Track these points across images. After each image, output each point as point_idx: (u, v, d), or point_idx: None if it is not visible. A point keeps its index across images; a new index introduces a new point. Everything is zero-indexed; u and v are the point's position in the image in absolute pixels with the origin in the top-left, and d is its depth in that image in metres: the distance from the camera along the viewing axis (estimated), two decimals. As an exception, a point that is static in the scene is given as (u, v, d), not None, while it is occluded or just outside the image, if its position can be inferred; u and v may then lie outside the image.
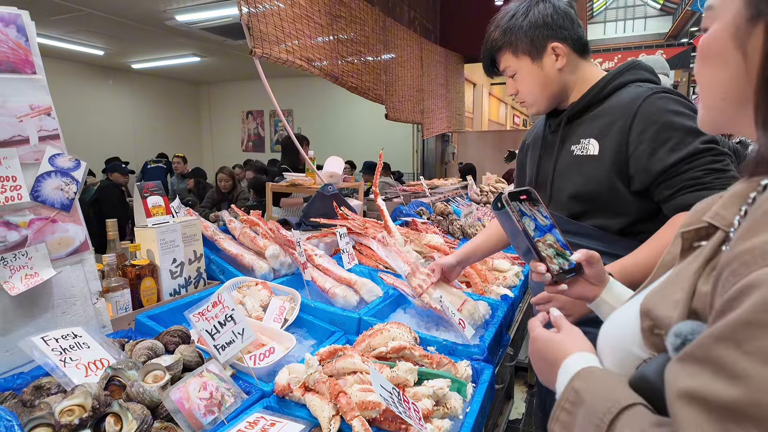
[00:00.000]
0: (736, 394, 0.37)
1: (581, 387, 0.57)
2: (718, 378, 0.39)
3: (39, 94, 1.13)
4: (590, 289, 0.87)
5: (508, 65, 1.30)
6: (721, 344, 0.39)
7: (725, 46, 0.52)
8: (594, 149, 1.22)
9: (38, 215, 1.12)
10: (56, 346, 1.00)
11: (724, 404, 0.38)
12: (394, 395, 0.90)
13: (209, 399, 0.97)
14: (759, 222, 0.42)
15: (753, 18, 0.49)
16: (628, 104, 1.17)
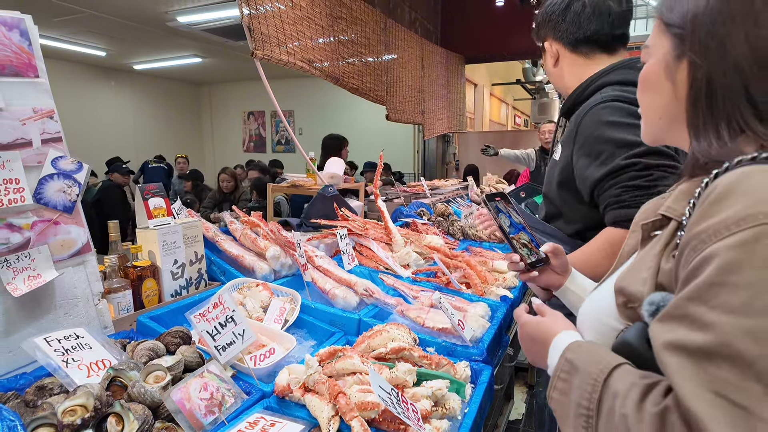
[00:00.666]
0: (707, 339, 0.48)
1: (573, 357, 0.66)
2: (692, 329, 0.50)
3: (42, 97, 1.14)
4: (556, 278, 1.00)
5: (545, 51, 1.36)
6: (692, 303, 0.51)
7: (659, 77, 0.67)
8: (557, 153, 1.28)
9: (41, 217, 1.13)
10: (59, 346, 1.01)
11: (699, 348, 0.48)
12: (392, 396, 0.91)
13: (210, 399, 0.98)
14: (707, 210, 0.54)
15: (679, 57, 0.64)
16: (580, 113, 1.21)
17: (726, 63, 0.59)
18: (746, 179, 0.53)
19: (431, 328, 1.42)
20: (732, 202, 0.52)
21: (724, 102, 0.60)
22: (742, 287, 0.48)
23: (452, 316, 1.34)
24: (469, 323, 1.41)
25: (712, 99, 0.61)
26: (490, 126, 10.50)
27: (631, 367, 0.59)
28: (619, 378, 0.57)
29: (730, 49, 0.59)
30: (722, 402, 0.46)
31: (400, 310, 1.51)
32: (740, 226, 0.50)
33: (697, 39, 0.61)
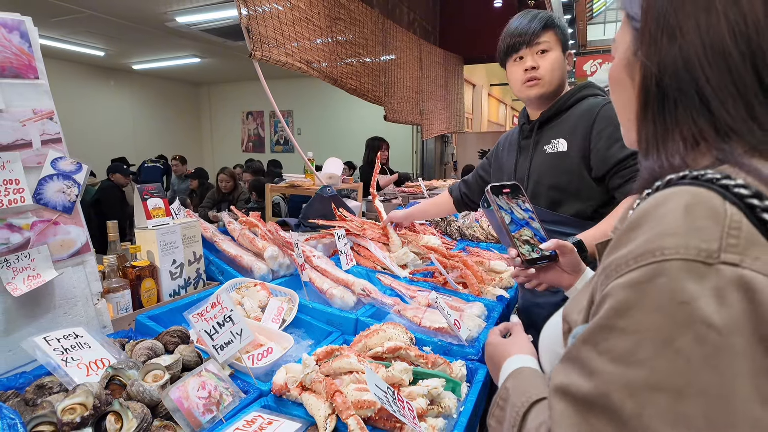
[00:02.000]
0: (590, 387, 0.44)
1: (511, 385, 0.65)
2: (580, 374, 0.46)
3: (42, 98, 1.15)
4: (565, 278, 0.95)
5: (548, 40, 1.48)
6: (584, 346, 0.46)
7: (621, 75, 0.60)
8: (563, 147, 1.46)
9: (40, 217, 1.14)
10: (58, 346, 1.02)
11: (582, 396, 0.45)
12: (388, 394, 0.92)
13: (208, 398, 0.99)
14: (619, 239, 0.48)
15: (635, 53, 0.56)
16: (588, 111, 1.43)
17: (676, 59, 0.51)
18: (661, 205, 0.46)
19: (428, 328, 1.43)
20: (640, 232, 0.46)
21: (676, 107, 0.52)
22: (628, 333, 0.43)
23: (448, 315, 1.35)
24: (465, 323, 1.43)
25: (663, 103, 0.53)
26: (489, 126, 10.52)
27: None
28: (534, 415, 0.56)
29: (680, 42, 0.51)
30: None
31: (397, 309, 1.52)
32: (638, 262, 0.44)
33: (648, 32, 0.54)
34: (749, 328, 0.39)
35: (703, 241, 0.41)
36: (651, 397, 0.40)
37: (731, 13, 0.48)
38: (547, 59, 1.48)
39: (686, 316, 0.40)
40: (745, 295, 0.39)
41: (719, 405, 0.38)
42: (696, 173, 0.47)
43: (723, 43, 0.49)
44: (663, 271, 0.42)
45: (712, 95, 0.49)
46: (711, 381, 0.39)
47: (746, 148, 0.48)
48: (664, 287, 0.41)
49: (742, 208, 0.42)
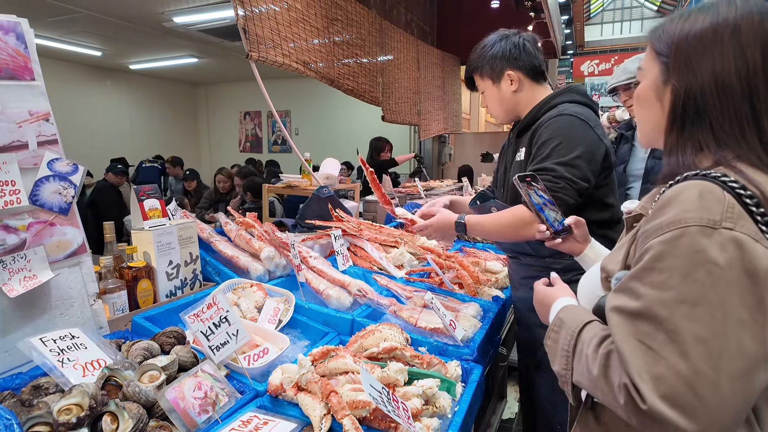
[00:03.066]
0: (637, 304, 0.67)
1: (563, 316, 0.86)
2: (630, 298, 0.69)
3: (38, 100, 1.15)
4: (577, 246, 1.20)
5: (478, 84, 1.66)
6: (632, 280, 0.69)
7: (650, 96, 0.82)
8: (522, 155, 1.56)
9: (37, 219, 1.14)
10: (54, 346, 1.02)
11: (631, 311, 0.68)
12: (383, 395, 0.93)
13: (204, 398, 0.99)
14: (655, 213, 0.71)
15: (665, 82, 0.79)
16: (539, 123, 1.51)
17: (696, 91, 0.73)
18: (683, 192, 0.68)
19: (423, 328, 1.44)
20: (669, 209, 0.68)
21: (692, 125, 0.75)
22: (663, 271, 0.65)
23: (444, 316, 1.36)
24: (460, 323, 1.43)
25: (684, 122, 0.76)
26: (486, 127, 10.53)
27: (598, 323, 0.79)
28: (588, 330, 0.78)
29: (699, 78, 0.73)
30: (640, 345, 0.65)
31: (393, 310, 1.53)
32: (670, 227, 0.66)
33: (677, 68, 0.75)
34: (739, 265, 0.62)
35: (711, 214, 0.65)
36: (678, 307, 0.63)
37: (739, 61, 0.71)
38: (486, 98, 1.65)
39: (701, 259, 0.63)
40: (738, 247, 0.63)
41: (720, 309, 0.62)
42: (704, 172, 0.70)
43: (730, 81, 0.71)
44: (686, 233, 0.65)
45: (715, 118, 0.73)
46: (716, 296, 0.62)
47: (735, 155, 0.72)
48: (687, 242, 0.64)
49: (734, 195, 0.66)
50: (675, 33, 0.76)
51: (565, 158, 1.38)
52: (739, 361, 0.61)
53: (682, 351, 0.62)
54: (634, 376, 0.63)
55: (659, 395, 0.61)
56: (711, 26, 0.73)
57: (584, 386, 0.76)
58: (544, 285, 1.04)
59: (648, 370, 0.63)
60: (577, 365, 0.76)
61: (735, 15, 0.72)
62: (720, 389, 0.60)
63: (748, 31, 0.71)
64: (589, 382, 0.73)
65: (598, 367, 0.70)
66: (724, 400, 0.60)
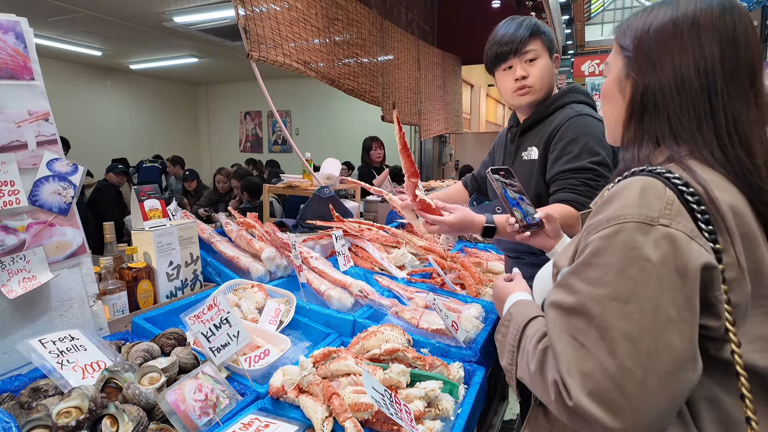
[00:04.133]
0: (572, 300, 0.67)
1: (513, 310, 0.87)
2: (566, 293, 0.68)
3: (37, 100, 1.14)
4: (548, 241, 1.17)
5: (535, 48, 1.49)
6: (571, 275, 0.69)
7: (614, 91, 0.82)
8: (535, 155, 1.51)
9: (36, 219, 1.13)
10: (53, 348, 1.01)
11: (567, 306, 0.67)
12: (386, 397, 0.92)
13: (204, 401, 0.98)
14: (599, 208, 0.70)
15: (627, 75, 0.78)
16: (558, 122, 1.47)
17: (655, 85, 0.73)
18: (627, 187, 0.68)
19: (425, 329, 1.43)
20: (612, 204, 0.68)
21: (650, 118, 0.75)
22: (599, 266, 0.65)
23: (446, 317, 1.35)
24: (462, 324, 1.42)
25: (643, 114, 0.75)
26: (487, 127, 10.53)
27: (543, 318, 0.79)
28: (532, 326, 0.79)
29: (659, 73, 0.73)
30: (572, 341, 0.64)
31: (395, 311, 1.52)
32: (609, 223, 0.66)
33: (637, 61, 0.76)
34: (672, 262, 0.62)
35: (650, 211, 0.64)
36: (610, 303, 0.63)
37: (697, 55, 0.71)
38: (536, 67, 1.49)
39: (635, 255, 0.63)
40: (671, 244, 0.62)
41: (650, 306, 0.61)
42: (650, 168, 0.70)
43: (689, 75, 0.71)
44: (623, 229, 0.65)
45: (673, 112, 0.72)
46: (647, 293, 0.62)
47: (689, 151, 0.72)
48: (623, 238, 0.64)
49: (675, 192, 0.66)
50: (638, 27, 0.76)
51: (597, 157, 1.38)
52: (667, 360, 0.60)
53: (610, 348, 0.61)
54: (563, 372, 0.63)
55: (586, 392, 0.61)
56: (671, 20, 0.73)
57: (526, 382, 0.76)
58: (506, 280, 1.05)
59: (577, 366, 0.62)
60: (521, 361, 0.77)
61: (694, 8, 0.72)
62: (646, 388, 0.59)
63: (707, 24, 0.71)
64: (528, 378, 0.74)
65: (535, 363, 0.71)
66: (650, 398, 0.60)
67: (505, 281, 1.04)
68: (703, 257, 0.62)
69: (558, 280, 0.73)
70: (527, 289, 0.98)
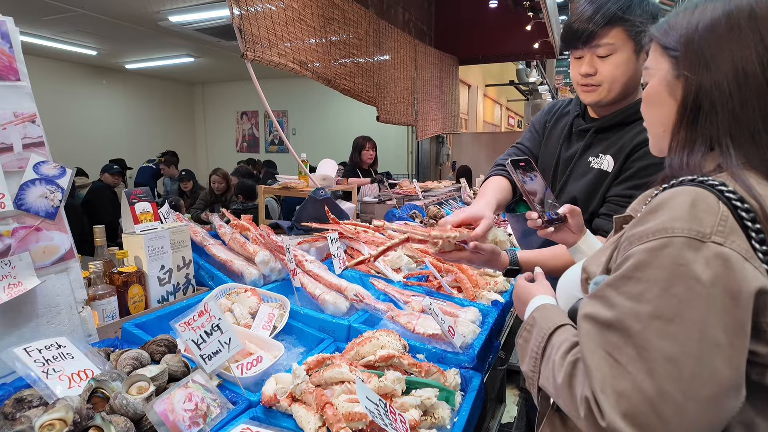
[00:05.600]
0: (610, 315, 0.63)
1: (537, 315, 0.84)
2: (603, 306, 0.65)
3: (23, 101, 1.11)
4: (571, 236, 1.12)
5: (612, 42, 1.19)
6: (608, 288, 0.65)
7: (661, 95, 0.77)
8: (608, 166, 1.30)
9: (22, 224, 1.10)
10: (39, 357, 0.98)
11: (603, 321, 0.64)
12: (380, 407, 0.89)
13: (194, 410, 0.96)
14: (642, 218, 0.66)
15: (677, 76, 0.74)
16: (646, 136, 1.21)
17: (710, 82, 0.69)
18: (675, 197, 0.64)
19: (421, 334, 1.40)
20: (658, 215, 0.64)
21: (705, 119, 0.70)
22: (641, 281, 0.62)
23: (442, 322, 1.33)
24: (459, 329, 1.40)
25: (697, 116, 0.71)
26: (484, 127, 10.52)
27: (571, 327, 0.76)
28: (559, 334, 0.76)
29: (714, 70, 0.69)
30: (607, 357, 0.62)
31: (391, 315, 1.50)
32: (655, 235, 0.62)
33: (688, 60, 0.71)
34: (723, 284, 0.58)
35: (701, 226, 0.60)
36: (651, 321, 0.60)
37: (760, 48, 0.66)
38: (609, 64, 1.22)
39: (683, 273, 0.59)
40: (724, 264, 0.58)
41: (696, 329, 0.58)
42: (701, 178, 0.65)
43: (753, 70, 0.66)
44: (670, 243, 0.60)
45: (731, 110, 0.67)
46: (693, 314, 0.58)
47: (744, 160, 0.67)
48: (670, 253, 0.60)
49: (730, 207, 0.61)
50: (683, 26, 0.73)
51: None
52: (710, 386, 0.57)
53: (649, 368, 0.58)
54: (596, 390, 0.60)
55: (620, 413, 0.58)
56: (724, 14, 0.69)
57: (549, 392, 0.74)
58: (527, 280, 1.01)
59: (612, 384, 0.60)
60: (544, 369, 0.74)
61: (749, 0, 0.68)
62: (685, 413, 0.56)
63: (765, 16, 0.67)
64: (553, 389, 0.71)
65: (563, 376, 0.68)
66: (689, 425, 0.56)
67: (526, 280, 1.00)
68: (758, 281, 0.58)
69: (593, 291, 0.69)
70: (551, 291, 0.94)
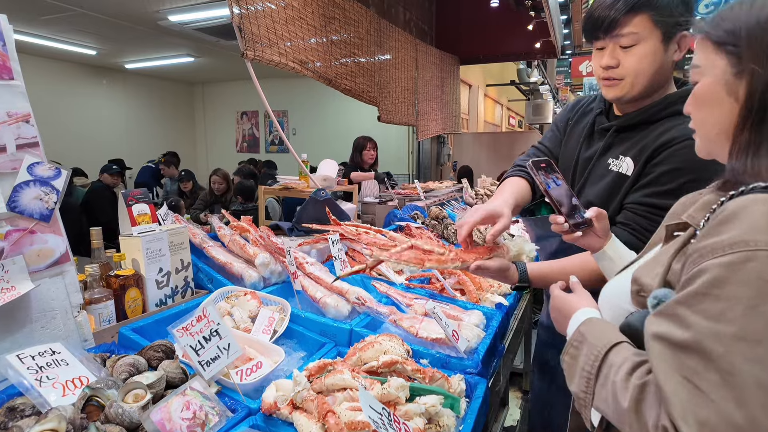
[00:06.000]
0: (686, 335, 0.58)
1: (585, 330, 0.78)
2: (677, 326, 0.60)
3: (17, 100, 1.09)
4: (597, 241, 1.05)
5: (635, 31, 1.10)
6: (681, 306, 0.60)
7: (717, 94, 0.70)
8: (627, 169, 1.21)
9: (15, 226, 1.08)
10: (32, 364, 0.96)
11: (678, 342, 0.59)
12: (384, 416, 0.87)
13: (192, 419, 0.93)
14: (712, 229, 0.61)
15: (738, 73, 0.68)
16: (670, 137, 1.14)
17: None
18: (749, 207, 0.60)
19: (425, 339, 1.38)
20: (732, 226, 0.59)
21: None
22: (721, 299, 0.57)
23: (446, 326, 1.30)
24: (463, 333, 1.38)
25: (764, 116, 0.65)
26: (485, 127, 10.49)
27: (628, 345, 0.71)
28: (616, 353, 0.70)
29: None
30: (686, 383, 0.56)
31: (393, 319, 1.47)
32: (733, 249, 0.57)
33: (754, 55, 0.65)
34: None
35: None
36: (736, 344, 0.54)
37: None
38: (631, 55, 1.13)
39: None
40: None
41: None
42: None
43: None
44: (753, 258, 0.56)
45: None
46: None
47: None
48: (754, 269, 0.55)
49: None
50: (740, 19, 0.67)
51: None
52: None
53: (738, 396, 0.53)
54: (676, 419, 0.55)
55: None
56: None
57: (607, 415, 0.69)
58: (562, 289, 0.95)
59: (694, 413, 0.55)
60: (601, 391, 0.69)
61: None
62: None
63: None
64: (615, 413, 0.65)
65: (629, 400, 0.62)
66: None
67: (561, 290, 0.94)
68: None
69: (661, 309, 0.63)
70: (593, 303, 0.88)
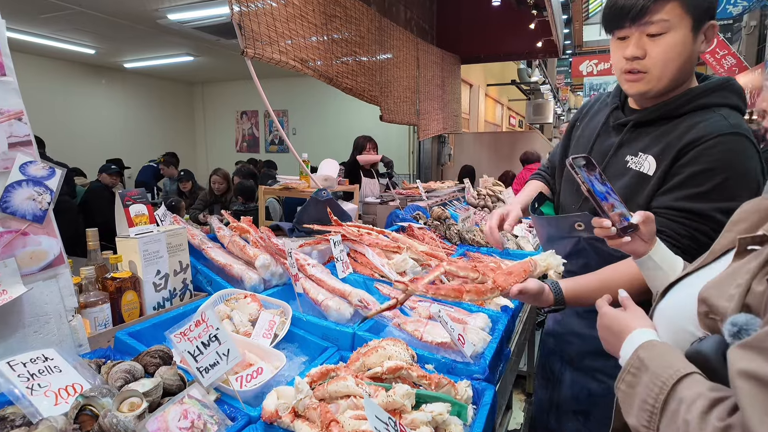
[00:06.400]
0: None
1: (645, 356, 0.70)
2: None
3: (9, 97, 1.05)
4: (642, 245, 0.97)
5: (666, 18, 1.04)
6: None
7: None
8: (649, 168, 1.13)
9: (7, 228, 1.04)
10: (23, 371, 0.92)
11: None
12: (389, 426, 0.83)
13: (190, 428, 0.89)
14: None
15: None
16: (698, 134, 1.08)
17: None
18: None
19: (429, 343, 1.34)
20: None
21: None
22: None
23: (452, 330, 1.26)
24: (469, 337, 1.34)
25: None
26: (486, 127, 10.46)
27: (700, 377, 0.62)
28: (687, 386, 0.61)
29: None
30: None
31: (397, 323, 1.43)
32: None
33: None
34: None
35: None
36: None
37: None
38: (660, 45, 1.06)
39: None
40: None
41: None
42: None
43: None
44: None
45: None
46: None
47: None
48: None
49: None
50: None
51: (730, 204, 0.94)
52: None
53: None
54: None
55: None
56: None
57: None
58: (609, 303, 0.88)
59: None
60: (668, 428, 0.61)
61: None
62: None
63: None
64: None
65: None
66: None
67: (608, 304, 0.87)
68: None
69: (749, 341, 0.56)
70: (650, 322, 0.80)
